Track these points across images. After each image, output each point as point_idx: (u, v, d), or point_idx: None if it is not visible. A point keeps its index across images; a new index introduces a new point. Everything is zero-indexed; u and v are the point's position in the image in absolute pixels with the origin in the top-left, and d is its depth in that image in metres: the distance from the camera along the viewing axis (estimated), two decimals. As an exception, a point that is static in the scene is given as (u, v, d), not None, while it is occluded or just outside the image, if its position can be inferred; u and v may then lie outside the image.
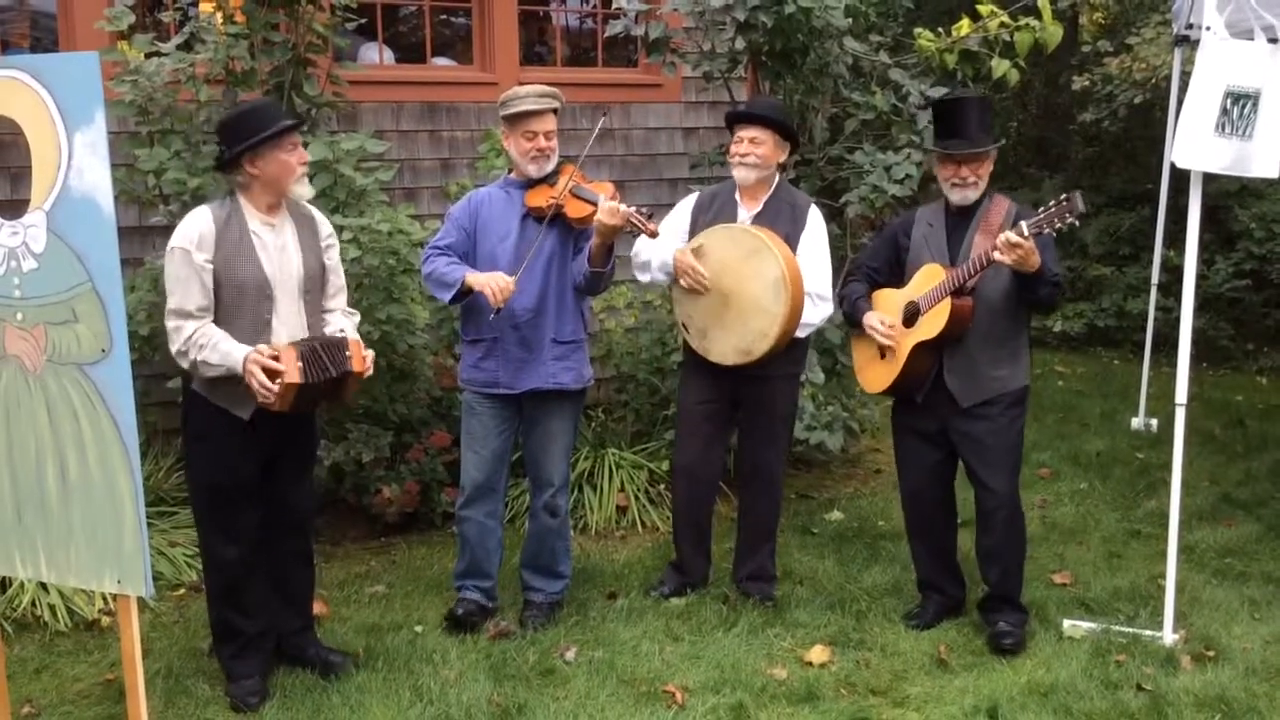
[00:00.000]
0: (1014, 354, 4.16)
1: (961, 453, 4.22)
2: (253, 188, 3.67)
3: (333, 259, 3.87)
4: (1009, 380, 4.14)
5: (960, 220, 4.19)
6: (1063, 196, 3.81)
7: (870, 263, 4.45)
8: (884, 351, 4.29)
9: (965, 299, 4.06)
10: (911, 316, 4.17)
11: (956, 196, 4.16)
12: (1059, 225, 3.82)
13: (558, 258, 4.17)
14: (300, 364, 3.51)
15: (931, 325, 4.09)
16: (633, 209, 4.03)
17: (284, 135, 3.64)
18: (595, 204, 4.06)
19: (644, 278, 4.58)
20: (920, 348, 4.15)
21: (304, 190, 3.75)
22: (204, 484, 3.72)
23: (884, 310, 4.28)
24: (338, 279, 3.90)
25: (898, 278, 4.31)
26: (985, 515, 4.23)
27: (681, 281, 4.35)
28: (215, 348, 3.51)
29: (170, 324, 3.55)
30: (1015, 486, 4.23)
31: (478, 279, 4.03)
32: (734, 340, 4.30)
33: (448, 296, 4.11)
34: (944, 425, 4.21)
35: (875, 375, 4.36)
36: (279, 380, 3.48)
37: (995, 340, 4.12)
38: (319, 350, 3.60)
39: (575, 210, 4.10)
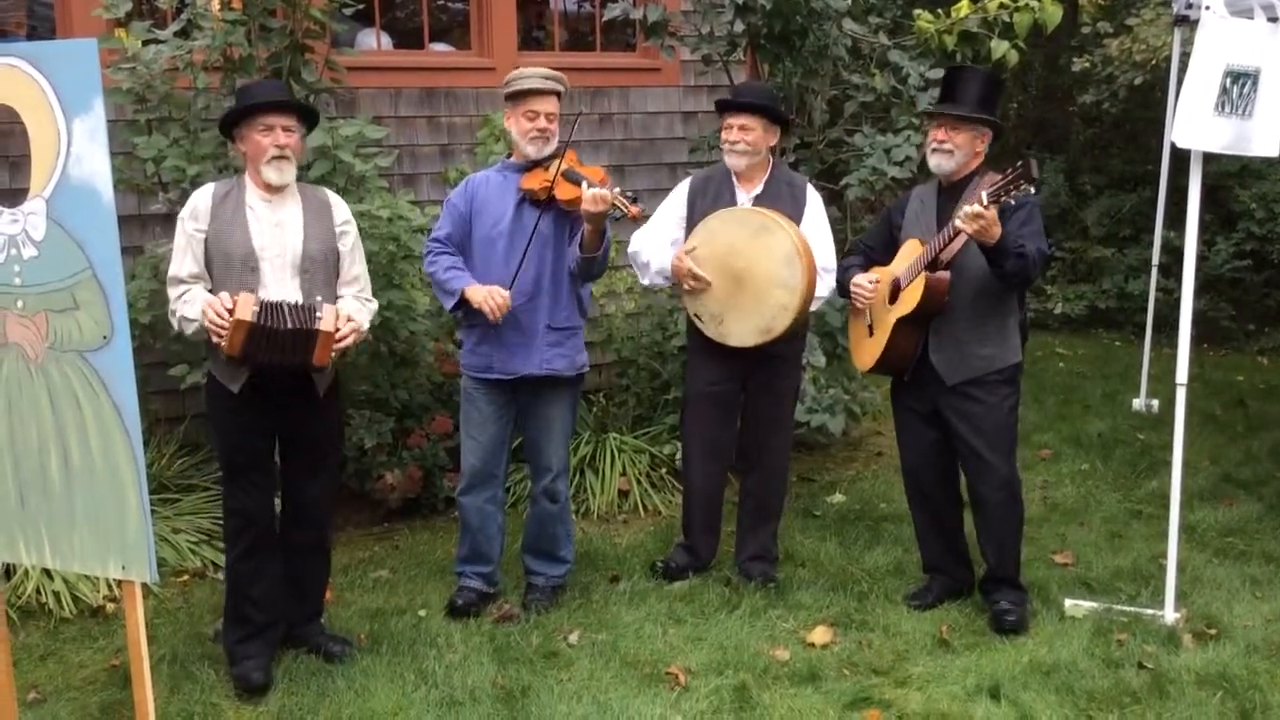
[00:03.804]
0: (1001, 331, 4.12)
1: (953, 432, 4.19)
2: (247, 164, 3.74)
3: (347, 245, 3.83)
4: (996, 358, 4.11)
5: (950, 196, 4.16)
6: (1018, 163, 3.74)
7: (867, 242, 4.47)
8: (872, 328, 4.29)
9: (941, 273, 4.04)
10: (895, 293, 4.17)
11: (932, 162, 4.16)
12: (1016, 193, 3.75)
13: (553, 243, 4.16)
14: (256, 308, 3.51)
15: (909, 300, 4.09)
16: (618, 191, 4.00)
17: (255, 114, 3.65)
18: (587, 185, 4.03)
19: (644, 280, 4.61)
20: (902, 324, 4.13)
21: (273, 175, 3.65)
22: (219, 455, 3.87)
23: None
24: (353, 267, 3.85)
25: (894, 257, 4.30)
26: (979, 496, 4.23)
27: (685, 286, 4.36)
28: (193, 303, 3.58)
29: (168, 290, 3.67)
30: (1010, 467, 4.21)
31: (476, 294, 4.06)
32: (753, 321, 4.30)
33: (449, 305, 4.18)
34: (935, 404, 4.20)
35: (863, 353, 4.37)
36: (228, 317, 3.47)
37: (980, 317, 4.08)
38: (284, 305, 3.58)
39: (565, 193, 4.08)
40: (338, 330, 3.62)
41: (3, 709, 3.28)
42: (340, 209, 3.86)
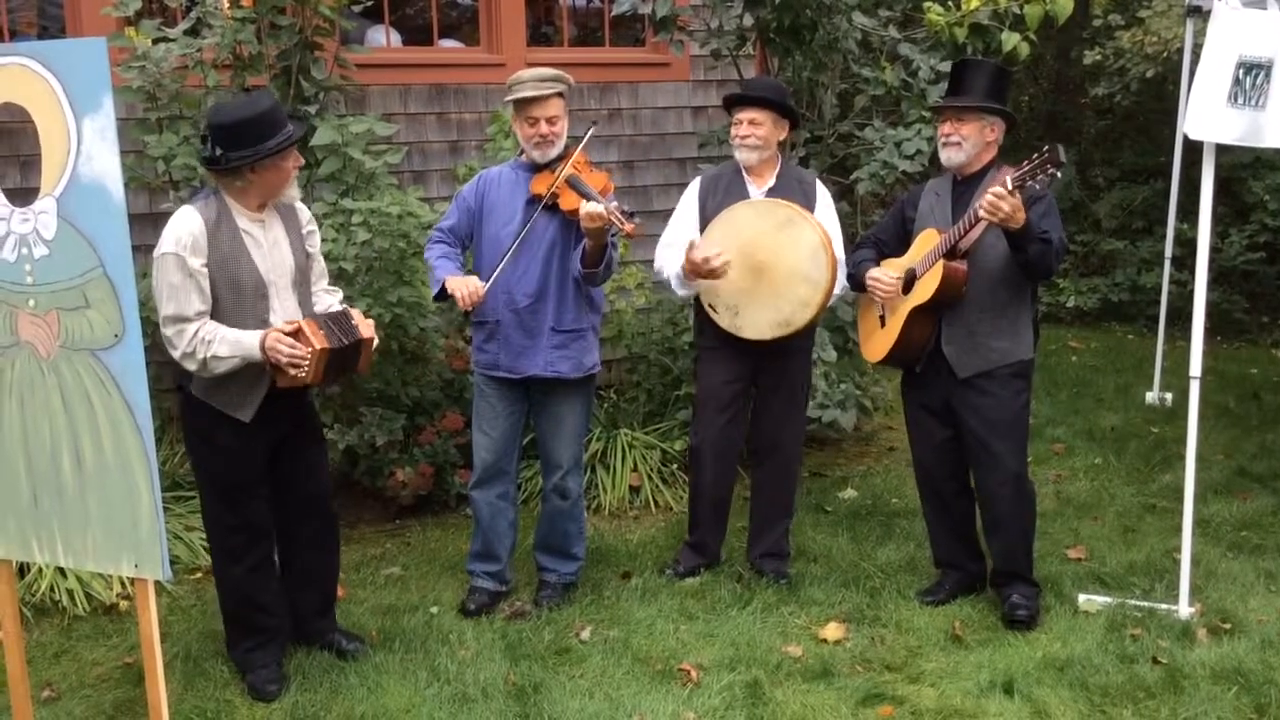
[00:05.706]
0: (1014, 325, 4.10)
1: (964, 426, 4.18)
2: (248, 190, 3.59)
3: (314, 244, 3.84)
4: (1009, 352, 4.09)
5: (965, 189, 4.14)
6: (1045, 148, 3.73)
7: (879, 234, 4.45)
8: (883, 319, 4.28)
9: (958, 262, 4.03)
10: (909, 283, 4.16)
11: (943, 156, 4.16)
12: (1042, 177, 3.74)
13: (559, 246, 4.13)
14: (323, 331, 3.53)
15: (925, 289, 4.07)
16: (614, 205, 3.94)
17: (289, 147, 3.61)
18: (587, 197, 4.00)
19: (674, 294, 4.61)
20: (916, 313, 4.12)
21: (295, 192, 3.72)
22: (213, 483, 3.71)
23: None
24: (319, 263, 3.89)
25: (906, 250, 4.28)
26: (987, 491, 4.21)
27: (708, 278, 4.30)
28: (223, 340, 3.47)
29: (170, 331, 3.48)
30: (1021, 462, 4.19)
31: (453, 282, 4.07)
32: (771, 314, 4.29)
33: (434, 293, 4.19)
34: (947, 398, 4.19)
35: (875, 344, 4.35)
36: (309, 349, 3.45)
37: (994, 309, 4.07)
38: (330, 321, 3.63)
39: (568, 202, 4.06)
40: (371, 334, 3.67)
41: (18, 707, 3.29)
42: (303, 210, 3.83)
